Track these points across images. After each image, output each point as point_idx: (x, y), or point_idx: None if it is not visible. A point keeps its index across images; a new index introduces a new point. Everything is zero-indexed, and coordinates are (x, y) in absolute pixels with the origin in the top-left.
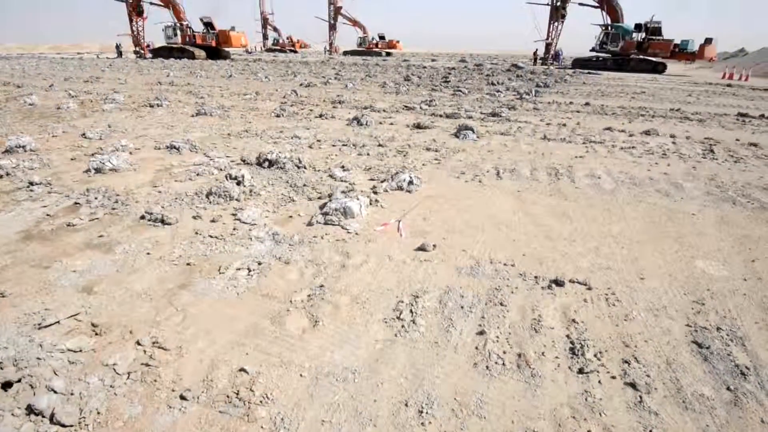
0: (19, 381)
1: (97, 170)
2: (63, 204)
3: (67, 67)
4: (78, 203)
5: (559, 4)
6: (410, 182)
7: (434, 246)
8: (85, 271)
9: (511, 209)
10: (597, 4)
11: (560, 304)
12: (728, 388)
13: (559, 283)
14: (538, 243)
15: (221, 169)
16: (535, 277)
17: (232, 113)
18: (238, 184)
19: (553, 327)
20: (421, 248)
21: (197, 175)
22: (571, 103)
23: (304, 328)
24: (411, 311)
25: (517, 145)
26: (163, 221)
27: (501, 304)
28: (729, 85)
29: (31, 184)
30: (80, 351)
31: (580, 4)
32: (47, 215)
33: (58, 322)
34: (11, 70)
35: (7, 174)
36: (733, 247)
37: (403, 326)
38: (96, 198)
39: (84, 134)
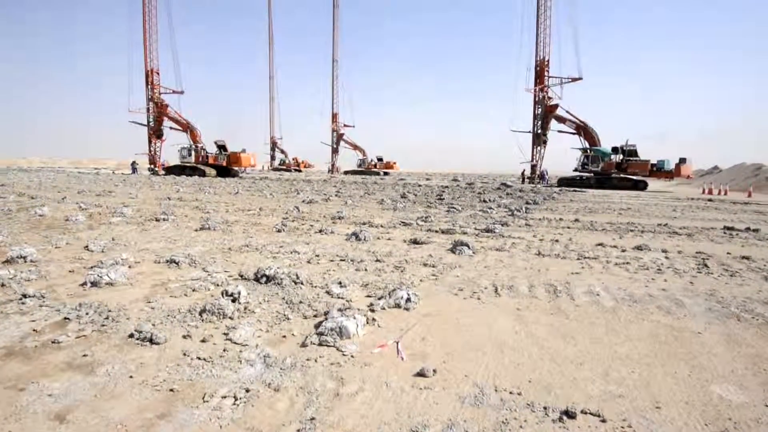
0: None
1: (94, 284)
2: (52, 319)
3: (82, 181)
4: (68, 318)
5: (540, 131)
6: (408, 299)
7: (434, 371)
8: (61, 395)
9: (512, 329)
10: (575, 131)
11: None
12: None
13: (570, 414)
14: (544, 367)
15: (218, 285)
16: (545, 407)
17: (235, 228)
18: (234, 301)
19: None
20: (421, 373)
21: (193, 290)
22: (561, 219)
23: None
24: None
25: (513, 260)
26: (151, 340)
27: None
28: (710, 200)
29: (24, 296)
30: None
31: (559, 131)
32: (34, 330)
33: None
34: (29, 182)
35: (2, 285)
36: (746, 369)
37: None
38: (87, 313)
39: (87, 246)
